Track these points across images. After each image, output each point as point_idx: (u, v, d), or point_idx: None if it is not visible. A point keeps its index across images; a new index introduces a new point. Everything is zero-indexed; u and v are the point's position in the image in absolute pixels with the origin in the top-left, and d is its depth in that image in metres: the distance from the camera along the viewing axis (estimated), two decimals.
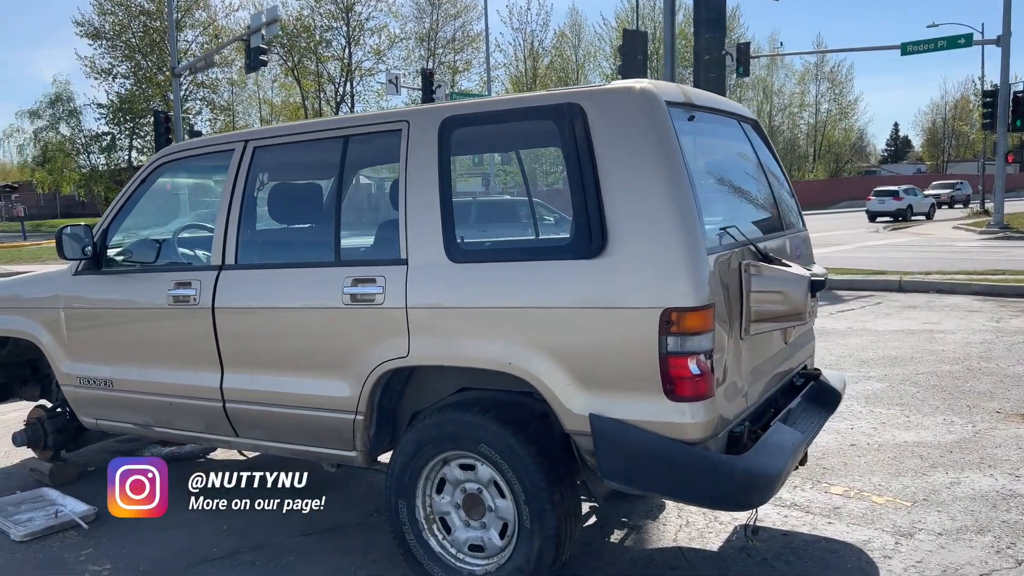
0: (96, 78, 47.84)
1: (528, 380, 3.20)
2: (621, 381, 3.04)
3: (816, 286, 3.36)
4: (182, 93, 40.01)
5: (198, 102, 49.95)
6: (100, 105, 48.73)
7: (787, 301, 3.30)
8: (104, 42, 47.37)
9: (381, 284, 3.49)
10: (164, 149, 4.53)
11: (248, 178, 4.04)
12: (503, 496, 3.34)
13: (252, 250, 4.03)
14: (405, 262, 3.46)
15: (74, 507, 4.54)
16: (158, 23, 46.97)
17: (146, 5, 47.49)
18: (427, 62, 51.41)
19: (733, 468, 2.96)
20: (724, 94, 16.90)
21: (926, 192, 40.81)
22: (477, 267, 3.33)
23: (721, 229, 3.29)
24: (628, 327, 3.00)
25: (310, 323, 3.72)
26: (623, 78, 16.28)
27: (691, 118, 3.38)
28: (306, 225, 4.00)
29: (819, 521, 4.19)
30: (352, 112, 51.97)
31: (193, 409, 4.18)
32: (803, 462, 4.00)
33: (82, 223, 4.52)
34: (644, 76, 16.22)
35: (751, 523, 3.65)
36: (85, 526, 4.35)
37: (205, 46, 46.49)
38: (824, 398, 4.03)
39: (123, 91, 48.11)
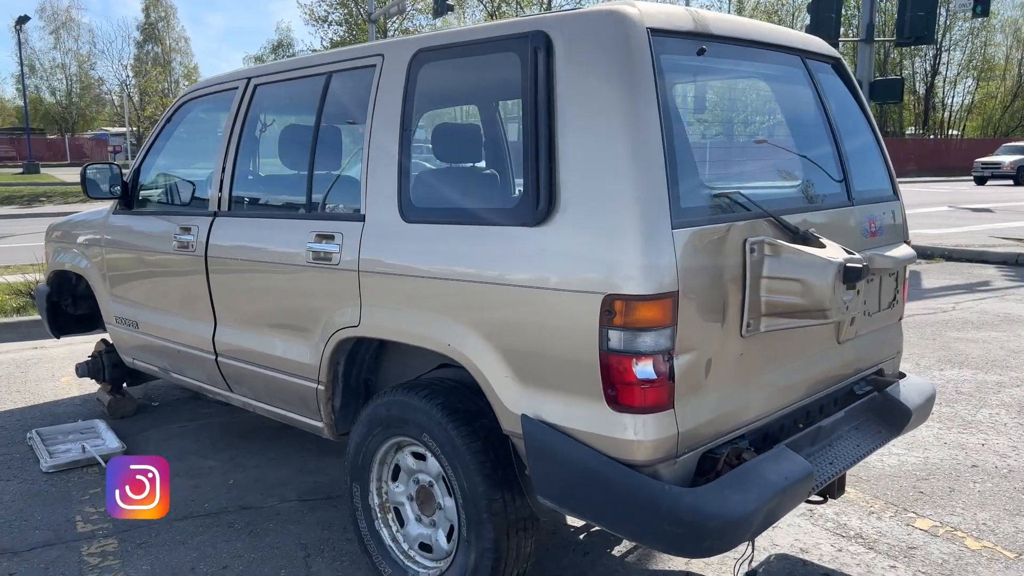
0: (313, 25, 50.58)
1: (466, 366, 2.70)
2: (560, 379, 2.47)
3: (853, 274, 2.57)
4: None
5: None
6: (315, 51, 51.53)
7: (807, 292, 2.54)
8: None
9: (338, 242, 3.10)
10: (190, 87, 4.36)
11: (247, 118, 3.76)
12: (450, 494, 2.89)
13: (244, 197, 3.77)
14: (363, 218, 3.04)
15: (109, 443, 4.61)
16: None
17: None
18: None
19: (676, 503, 2.30)
20: (931, 39, 14.76)
21: None
22: (425, 229, 2.84)
23: (715, 195, 2.58)
24: (568, 314, 2.41)
25: (281, 279, 3.40)
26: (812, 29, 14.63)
27: (701, 51, 2.65)
28: (291, 172, 3.67)
29: (880, 563, 3.37)
30: None
31: (195, 360, 4.04)
32: (836, 491, 3.19)
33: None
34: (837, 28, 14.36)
35: (745, 563, 2.95)
36: (104, 464, 4.38)
37: None
38: (888, 415, 3.18)
39: (336, 38, 50.52)
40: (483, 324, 2.64)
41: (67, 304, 5.35)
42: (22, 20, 38.70)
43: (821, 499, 3.21)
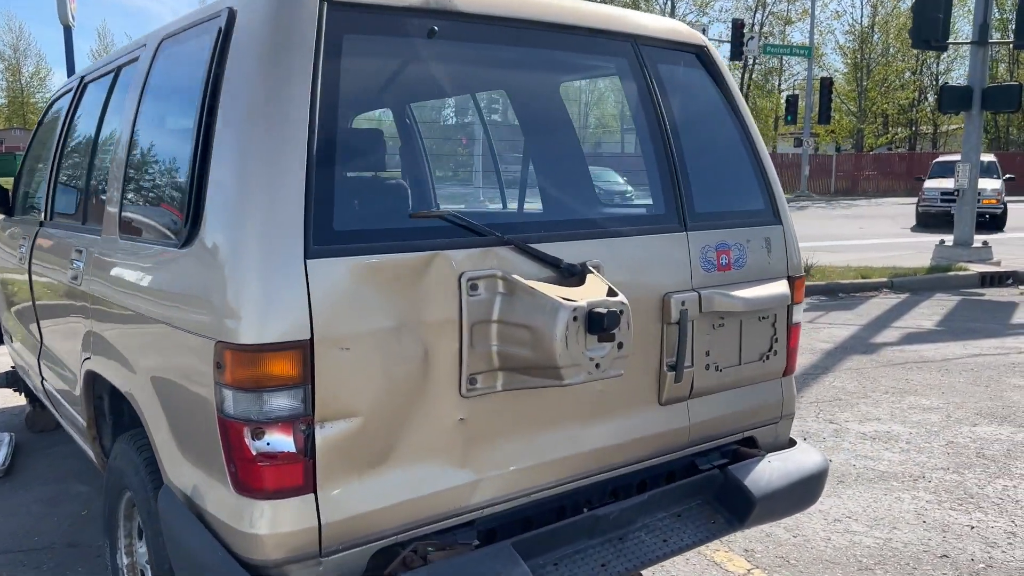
0: None
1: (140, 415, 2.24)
2: (199, 447, 1.96)
3: (599, 322, 1.93)
4: None
5: None
6: None
7: (536, 343, 1.94)
8: None
9: (79, 259, 2.72)
10: (60, 87, 4.10)
11: (72, 118, 3.44)
12: None
13: (61, 205, 3.45)
14: (99, 232, 2.64)
15: None
16: None
17: None
18: (754, 13, 47.86)
19: None
20: None
21: None
22: (123, 245, 2.41)
23: (409, 216, 2.00)
24: (192, 364, 1.91)
25: (63, 299, 3.05)
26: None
27: (431, 33, 2.08)
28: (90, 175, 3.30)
29: None
30: None
31: (32, 378, 3.78)
32: None
33: None
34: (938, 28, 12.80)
35: None
36: None
37: None
38: (729, 500, 2.47)
39: None
40: (144, 366, 2.18)
41: None
42: None
43: None
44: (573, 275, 2.13)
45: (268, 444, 1.77)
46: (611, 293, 2.04)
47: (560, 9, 2.34)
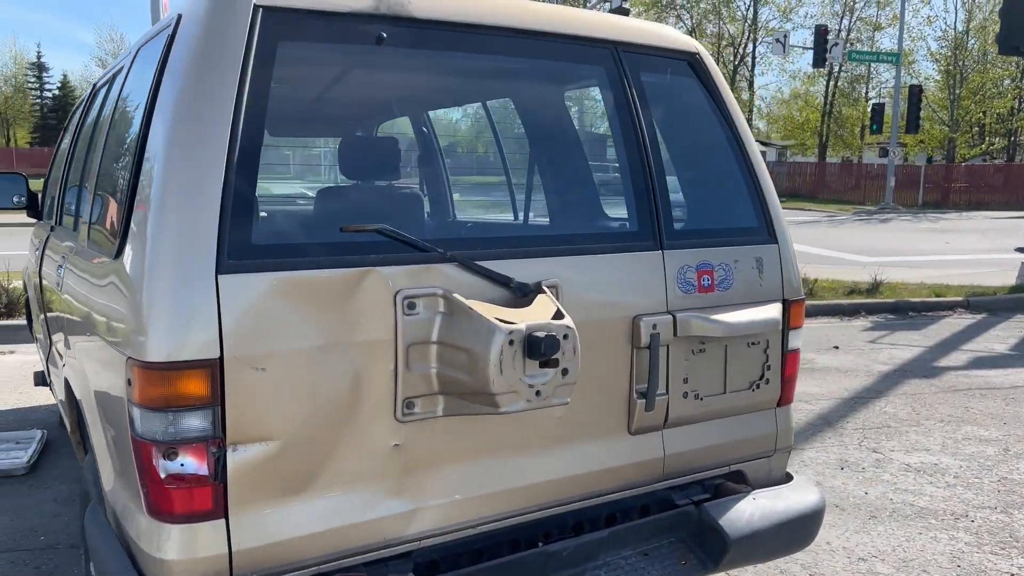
0: None
1: None
2: (121, 464, 1.92)
3: (539, 347, 1.80)
4: None
5: None
6: None
7: (472, 367, 1.83)
8: None
9: (62, 265, 2.73)
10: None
11: (80, 123, 3.50)
12: None
13: (62, 211, 3.50)
14: (77, 239, 2.65)
15: (18, 457, 4.54)
16: None
17: None
18: (841, 18, 46.40)
19: None
20: None
21: None
22: (86, 252, 2.40)
23: (340, 229, 1.90)
24: (111, 380, 1.87)
25: (54, 302, 3.09)
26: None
27: (380, 40, 1.99)
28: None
29: None
30: (752, 75, 49.29)
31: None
32: None
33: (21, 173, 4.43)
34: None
35: None
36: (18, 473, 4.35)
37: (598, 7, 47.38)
38: (703, 539, 2.29)
39: None
40: (89, 378, 2.15)
41: None
42: None
43: None
44: (525, 295, 2.01)
45: (183, 465, 1.70)
46: (558, 316, 1.91)
47: (531, 14, 2.21)
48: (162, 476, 1.71)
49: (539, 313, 1.90)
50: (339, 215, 2.15)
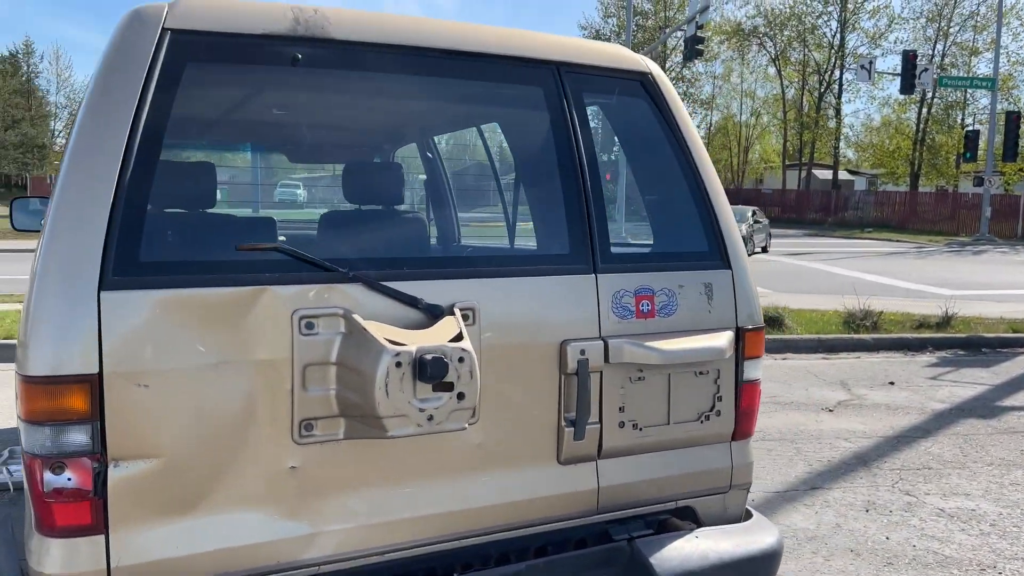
0: None
1: None
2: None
3: (428, 369, 1.76)
4: None
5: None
6: None
7: (362, 389, 1.79)
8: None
9: None
10: None
11: None
12: None
13: None
14: None
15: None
16: (650, 22, 49.02)
17: (643, 6, 49.70)
18: (934, 44, 44.79)
19: None
20: None
21: None
22: None
23: (237, 248, 1.89)
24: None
25: None
26: None
27: (295, 60, 2.00)
28: None
29: None
30: (839, 103, 48.03)
31: None
32: None
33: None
34: None
35: None
36: (12, 491, 4.46)
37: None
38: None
39: None
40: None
41: None
42: None
43: None
44: (436, 316, 1.96)
45: (69, 480, 1.72)
46: (457, 338, 1.85)
47: (461, 35, 2.19)
48: (44, 490, 1.72)
49: (437, 335, 1.85)
50: (238, 233, 2.16)
